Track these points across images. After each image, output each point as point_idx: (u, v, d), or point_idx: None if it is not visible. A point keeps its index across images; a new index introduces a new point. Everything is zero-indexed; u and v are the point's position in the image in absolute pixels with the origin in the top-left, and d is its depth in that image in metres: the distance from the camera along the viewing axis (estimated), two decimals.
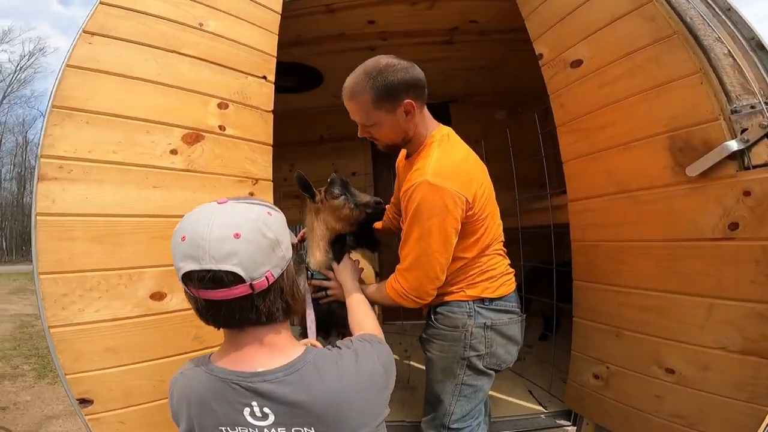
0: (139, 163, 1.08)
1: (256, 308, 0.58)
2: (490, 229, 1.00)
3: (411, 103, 0.93)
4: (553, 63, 1.41)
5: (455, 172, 0.92)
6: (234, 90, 1.31)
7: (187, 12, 1.26)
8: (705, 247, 0.95)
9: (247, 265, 0.55)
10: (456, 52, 2.48)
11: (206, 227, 0.55)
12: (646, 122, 1.07)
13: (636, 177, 1.11)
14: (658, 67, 1.05)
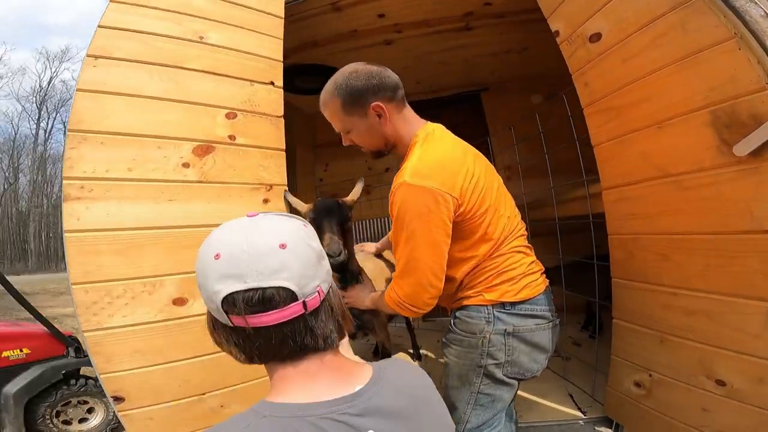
0: (153, 179, 1.14)
1: (311, 331, 0.50)
2: (495, 224, 0.94)
3: (379, 105, 0.94)
4: (571, 39, 1.29)
5: (436, 168, 0.89)
6: (241, 99, 1.34)
7: (186, 27, 1.30)
8: (763, 242, 0.81)
9: (299, 280, 0.48)
10: (476, 38, 2.36)
11: (244, 240, 0.48)
12: (681, 97, 0.94)
13: (676, 159, 0.98)
14: (684, 34, 0.92)
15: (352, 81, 0.95)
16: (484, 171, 0.96)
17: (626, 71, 1.09)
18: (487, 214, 0.92)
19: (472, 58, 2.62)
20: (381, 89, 0.95)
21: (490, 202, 0.94)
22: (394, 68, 2.73)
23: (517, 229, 1.00)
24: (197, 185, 1.20)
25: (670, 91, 0.97)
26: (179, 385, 1.12)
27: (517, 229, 1.00)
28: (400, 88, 0.99)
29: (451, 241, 0.92)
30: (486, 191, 0.93)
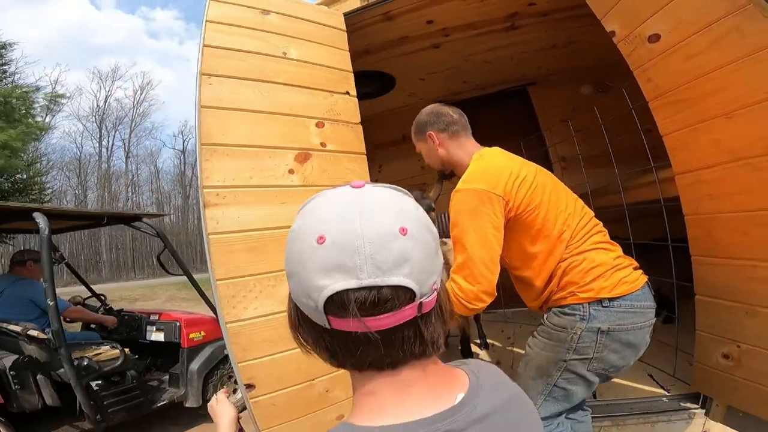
0: (268, 185, 1.39)
1: (421, 337, 0.42)
2: (553, 220, 1.11)
3: (431, 134, 1.32)
4: (629, 39, 1.46)
5: (481, 174, 1.15)
6: (325, 109, 1.58)
7: (271, 43, 1.54)
8: None
9: (419, 277, 0.39)
10: (522, 36, 2.54)
11: (357, 221, 0.38)
12: (746, 90, 1.11)
13: (748, 144, 1.14)
14: (741, 37, 1.09)
15: (420, 116, 1.37)
16: (533, 173, 1.17)
17: (689, 68, 1.25)
18: (539, 209, 1.11)
19: (518, 54, 2.80)
20: (433, 123, 1.33)
21: (541, 198, 1.12)
22: (442, 69, 3.08)
23: (590, 226, 1.14)
24: (301, 189, 1.44)
25: (733, 86, 1.13)
26: (296, 368, 1.31)
27: (588, 226, 1.13)
28: (454, 125, 1.31)
29: (513, 236, 1.12)
30: (536, 189, 1.12)
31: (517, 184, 1.11)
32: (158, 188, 27.33)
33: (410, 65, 2.78)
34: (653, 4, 1.32)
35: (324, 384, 1.43)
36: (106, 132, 24.74)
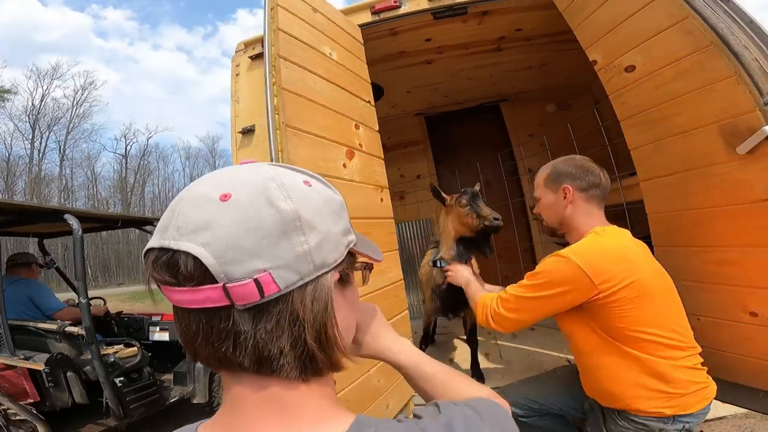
0: (331, 175, 1.51)
1: (236, 337, 0.35)
2: (639, 322, 1.08)
3: (568, 187, 1.25)
4: (608, 68, 1.78)
5: (591, 252, 1.12)
6: (359, 113, 1.76)
7: (321, 42, 1.68)
8: (763, 206, 1.30)
9: (222, 250, 0.34)
10: (504, 57, 2.90)
11: (196, 183, 0.39)
12: (699, 114, 1.43)
13: (699, 157, 1.47)
14: (702, 71, 1.40)
15: (562, 165, 1.29)
16: (649, 274, 1.12)
17: (658, 94, 1.57)
18: (633, 311, 1.07)
19: (498, 73, 3.14)
20: (578, 179, 1.24)
21: (642, 303, 1.08)
22: (428, 84, 3.39)
23: (688, 345, 1.13)
24: (349, 183, 1.62)
25: (691, 111, 1.45)
26: (353, 365, 1.48)
27: (687, 345, 1.13)
28: (597, 188, 1.24)
29: (588, 319, 1.12)
30: (641, 292, 1.07)
31: (616, 280, 1.07)
32: (95, 194, 25.75)
33: (401, 78, 3.01)
34: (632, 41, 1.64)
35: (376, 374, 1.56)
36: (40, 133, 22.99)
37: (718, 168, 1.42)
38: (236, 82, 2.31)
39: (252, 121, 2.17)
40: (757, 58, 1.29)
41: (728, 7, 1.35)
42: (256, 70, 2.28)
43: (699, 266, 1.46)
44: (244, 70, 2.31)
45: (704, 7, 1.38)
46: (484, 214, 1.72)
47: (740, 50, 1.31)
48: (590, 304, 1.10)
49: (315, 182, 0.42)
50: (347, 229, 0.43)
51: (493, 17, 2.43)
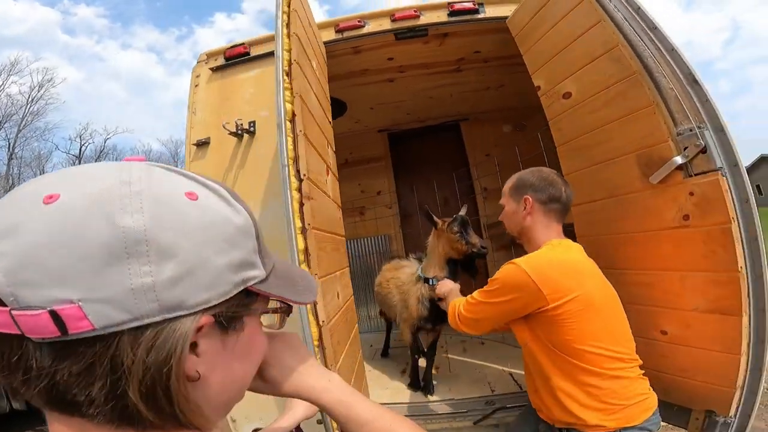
0: (320, 187, 1.55)
1: (25, 372, 0.28)
2: (585, 336, 1.12)
3: (528, 198, 1.31)
4: (549, 94, 1.86)
5: (543, 263, 1.17)
6: (329, 130, 1.82)
7: (311, 53, 1.73)
8: (670, 233, 1.37)
9: (18, 266, 0.27)
10: (463, 78, 2.98)
11: (38, 178, 0.31)
12: (623, 143, 1.50)
13: (620, 185, 1.54)
14: (625, 99, 1.47)
15: (528, 176, 1.35)
16: (596, 288, 1.18)
17: (589, 122, 1.64)
18: (577, 324, 1.12)
19: (458, 93, 3.22)
20: (540, 191, 1.30)
21: (587, 316, 1.13)
22: (391, 101, 3.44)
23: (630, 357, 1.18)
24: (329, 200, 1.70)
25: (615, 139, 1.53)
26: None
27: (630, 357, 1.18)
28: (557, 202, 1.29)
29: (538, 330, 1.17)
30: (586, 306, 1.12)
31: (564, 292, 1.12)
32: None
33: (364, 95, 3.06)
34: (570, 68, 1.72)
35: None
36: None
37: (634, 196, 1.49)
38: (195, 92, 2.31)
39: (207, 133, 2.17)
40: (674, 87, 1.34)
41: (654, 35, 1.40)
42: (216, 83, 2.30)
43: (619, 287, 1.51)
44: (204, 82, 2.31)
45: (633, 35, 1.43)
46: (473, 241, 1.93)
47: (659, 79, 1.37)
48: (539, 314, 1.16)
49: (207, 194, 0.33)
50: (245, 262, 0.35)
51: (452, 39, 2.50)
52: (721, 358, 1.29)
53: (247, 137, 2.09)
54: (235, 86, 2.24)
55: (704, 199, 1.28)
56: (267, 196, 1.94)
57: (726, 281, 1.24)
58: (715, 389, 1.31)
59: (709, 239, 1.27)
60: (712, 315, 1.30)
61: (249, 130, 2.08)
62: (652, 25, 1.40)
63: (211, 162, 2.12)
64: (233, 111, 2.14)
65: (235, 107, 2.17)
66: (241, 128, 2.04)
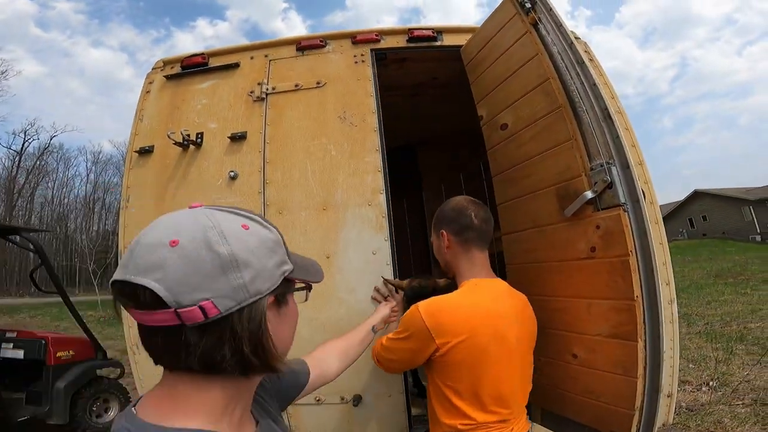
0: None
1: (187, 347, 0.49)
2: (470, 389, 1.19)
3: (443, 233, 1.34)
4: (489, 124, 1.95)
5: (439, 306, 1.21)
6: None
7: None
8: (580, 264, 1.46)
9: (172, 285, 0.47)
10: (421, 102, 3.08)
11: (149, 230, 0.51)
12: (545, 176, 1.59)
13: (541, 216, 1.63)
14: (550, 133, 1.55)
15: (444, 207, 1.38)
16: (493, 336, 1.20)
17: (519, 154, 1.73)
18: (467, 376, 1.18)
19: (416, 117, 3.32)
20: (452, 222, 1.32)
21: (479, 372, 1.19)
22: None
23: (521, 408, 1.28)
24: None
25: (540, 172, 1.61)
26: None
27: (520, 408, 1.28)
28: (470, 230, 1.31)
29: (436, 373, 1.23)
30: (478, 359, 1.18)
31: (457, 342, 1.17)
32: None
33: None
34: (508, 100, 1.80)
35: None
36: None
37: (553, 227, 1.59)
38: (145, 99, 2.31)
39: (152, 141, 2.17)
40: (591, 122, 1.41)
41: (581, 70, 1.45)
42: (168, 91, 2.29)
43: (540, 313, 1.60)
44: (156, 89, 2.32)
45: (564, 69, 1.49)
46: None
47: (581, 114, 1.44)
48: (434, 360, 1.22)
49: (253, 225, 0.55)
50: (282, 261, 0.57)
51: (411, 64, 2.61)
52: (621, 381, 1.36)
53: (192, 149, 2.09)
54: (188, 96, 2.25)
55: (608, 232, 1.37)
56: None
57: (624, 308, 1.32)
58: (617, 411, 1.37)
59: (612, 270, 1.36)
60: (614, 340, 1.38)
61: (195, 142, 2.08)
62: (580, 60, 1.45)
63: (152, 170, 2.10)
64: (182, 121, 2.14)
65: (184, 117, 2.17)
66: (187, 139, 2.04)
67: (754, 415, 3.24)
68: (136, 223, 2.05)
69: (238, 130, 2.13)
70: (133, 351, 2.00)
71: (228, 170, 2.03)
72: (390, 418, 1.79)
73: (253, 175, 2.03)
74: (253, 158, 2.07)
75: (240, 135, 2.13)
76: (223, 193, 2.02)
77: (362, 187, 1.95)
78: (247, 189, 2.02)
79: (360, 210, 1.92)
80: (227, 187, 2.03)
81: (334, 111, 2.17)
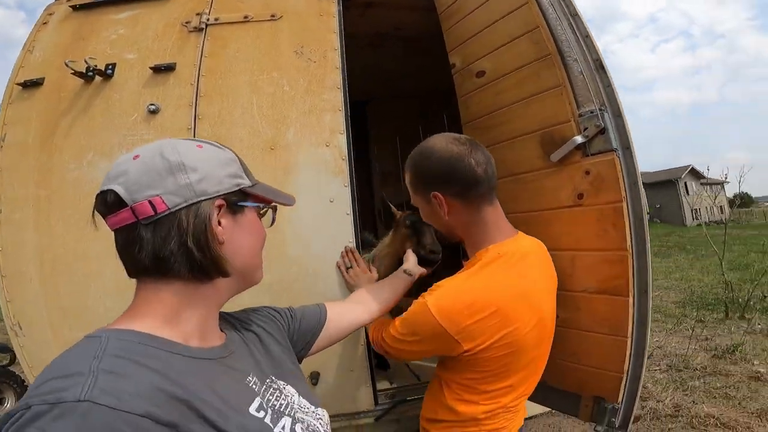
0: None
1: (141, 243, 0.55)
2: (501, 378, 0.98)
3: (438, 196, 0.99)
4: (463, 72, 1.82)
5: (454, 302, 0.92)
6: None
7: None
8: (565, 213, 1.37)
9: (130, 185, 0.55)
10: (380, 56, 2.89)
11: (125, 154, 0.60)
12: (525, 123, 1.49)
13: (519, 164, 1.53)
14: (537, 80, 1.47)
15: (423, 161, 1.01)
16: (530, 323, 0.97)
17: (496, 101, 1.62)
18: (495, 375, 0.97)
19: (372, 73, 3.13)
20: (446, 183, 0.98)
21: (508, 364, 0.97)
22: None
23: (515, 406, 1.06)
24: None
25: (519, 118, 1.52)
26: None
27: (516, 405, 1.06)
28: (476, 186, 0.98)
29: (456, 363, 0.99)
30: (530, 344, 0.97)
31: (484, 336, 0.93)
32: None
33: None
34: (488, 47, 1.68)
35: None
36: None
37: (532, 175, 1.49)
38: (39, 30, 1.97)
39: (43, 74, 1.82)
40: (583, 71, 1.37)
41: (574, 21, 1.43)
42: (73, 21, 1.96)
43: None
44: (57, 20, 1.98)
45: (554, 18, 1.45)
46: (424, 241, 1.57)
47: (570, 63, 1.39)
48: (457, 358, 0.99)
49: (207, 146, 0.63)
50: (236, 174, 0.65)
51: (375, 10, 2.41)
52: (609, 341, 1.29)
53: (99, 81, 1.77)
54: (99, 26, 1.93)
55: (599, 177, 1.30)
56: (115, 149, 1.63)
57: (616, 260, 1.25)
58: (604, 374, 1.30)
59: (602, 217, 1.28)
60: (602, 296, 1.30)
61: (105, 72, 1.75)
62: (574, 11, 1.44)
63: (40, 105, 1.77)
64: (87, 52, 1.79)
65: (91, 48, 1.84)
66: (93, 69, 1.71)
67: (672, 381, 3.50)
68: (14, 166, 1.65)
69: (165, 62, 1.76)
70: (15, 332, 1.58)
71: (146, 104, 1.66)
72: (353, 394, 1.57)
73: (181, 110, 1.71)
74: (182, 91, 1.74)
75: (166, 66, 1.79)
76: (137, 130, 1.72)
77: (319, 126, 1.68)
78: (171, 125, 1.69)
79: (316, 151, 1.65)
80: (144, 122, 1.71)
81: (290, 46, 1.90)
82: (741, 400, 3.03)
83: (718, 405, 3.02)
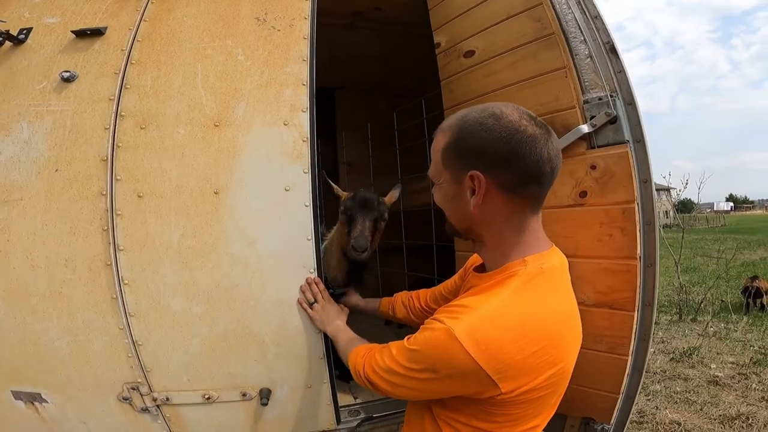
0: None
1: None
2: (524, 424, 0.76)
3: (480, 179, 0.72)
4: (449, 52, 1.62)
5: (504, 340, 0.69)
6: None
7: None
8: (562, 213, 1.20)
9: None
10: (355, 38, 2.64)
11: None
12: (523, 107, 1.30)
13: None
14: (535, 61, 1.31)
15: (479, 128, 0.73)
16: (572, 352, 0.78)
17: (486, 84, 1.44)
18: (525, 419, 0.76)
19: (344, 57, 2.85)
20: (501, 164, 0.71)
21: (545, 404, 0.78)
22: None
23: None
24: None
25: (515, 102, 1.32)
26: None
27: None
28: (537, 182, 0.73)
29: (473, 404, 0.75)
30: (553, 395, 0.77)
31: (528, 378, 0.70)
32: None
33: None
34: (480, 25, 1.49)
35: None
36: None
37: None
38: None
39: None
40: (591, 53, 1.22)
41: (583, 1, 1.29)
42: None
43: None
44: None
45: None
46: (352, 234, 1.26)
47: (576, 44, 1.24)
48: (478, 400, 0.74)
49: None
50: None
51: None
52: (604, 360, 1.15)
53: (7, 46, 1.46)
54: None
55: (607, 173, 1.14)
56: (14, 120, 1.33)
57: (620, 270, 1.10)
58: (596, 394, 1.16)
59: (608, 220, 1.13)
60: (600, 310, 1.15)
61: (16, 37, 1.45)
62: None
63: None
64: (2, 16, 1.49)
65: (8, 13, 1.53)
66: (2, 33, 1.41)
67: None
68: None
69: (93, 26, 1.47)
70: None
71: (60, 71, 1.34)
72: (312, 414, 1.31)
73: (104, 78, 1.38)
74: (108, 58, 1.43)
75: (93, 30, 1.47)
76: (45, 99, 1.37)
77: (277, 101, 1.37)
78: (88, 95, 1.35)
79: (271, 130, 1.34)
80: (54, 91, 1.38)
81: (251, 12, 1.59)
82: (702, 406, 3.05)
83: (681, 411, 3.01)
